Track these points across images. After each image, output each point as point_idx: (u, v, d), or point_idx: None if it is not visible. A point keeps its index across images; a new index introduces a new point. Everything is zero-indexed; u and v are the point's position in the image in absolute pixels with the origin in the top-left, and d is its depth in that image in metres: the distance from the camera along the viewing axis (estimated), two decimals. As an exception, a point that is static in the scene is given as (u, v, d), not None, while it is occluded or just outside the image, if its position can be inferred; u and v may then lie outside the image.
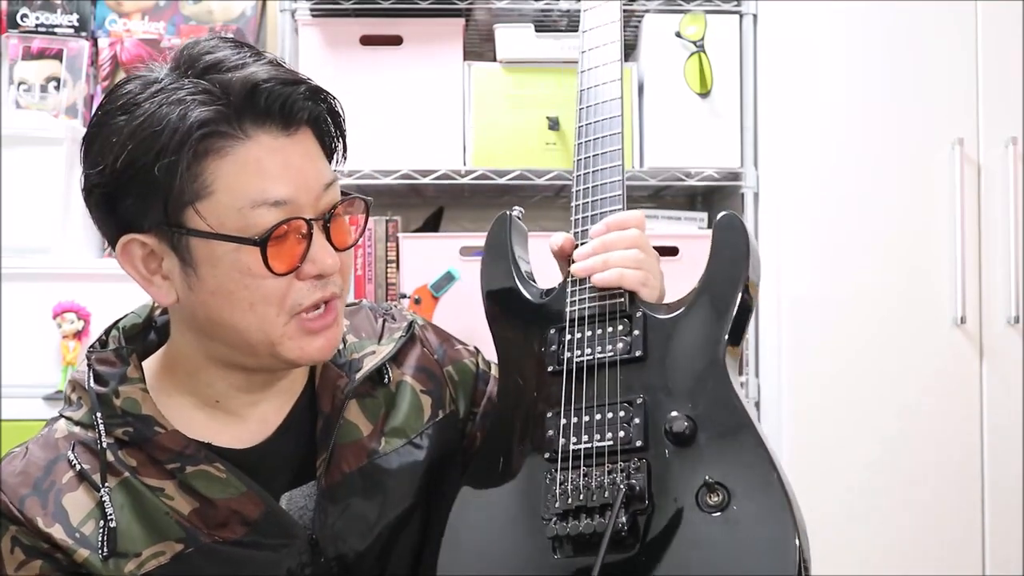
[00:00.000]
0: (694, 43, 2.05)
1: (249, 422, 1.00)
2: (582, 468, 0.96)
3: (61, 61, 2.23)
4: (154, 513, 0.93)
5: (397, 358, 1.09)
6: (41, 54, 2.24)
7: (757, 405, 2.05)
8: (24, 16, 2.27)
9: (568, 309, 1.06)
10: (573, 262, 1.07)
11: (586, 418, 0.98)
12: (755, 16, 2.07)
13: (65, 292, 2.01)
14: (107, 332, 1.03)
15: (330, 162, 0.98)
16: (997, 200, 1.98)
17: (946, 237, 1.97)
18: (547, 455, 0.99)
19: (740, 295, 1.00)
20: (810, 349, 1.97)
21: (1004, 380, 1.97)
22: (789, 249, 1.99)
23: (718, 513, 0.88)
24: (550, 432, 1.00)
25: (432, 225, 2.31)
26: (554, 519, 0.94)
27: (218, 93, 0.89)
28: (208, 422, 0.99)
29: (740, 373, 2.06)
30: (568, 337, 1.04)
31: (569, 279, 1.08)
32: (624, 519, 0.90)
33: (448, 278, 1.99)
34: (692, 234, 2.12)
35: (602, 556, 0.87)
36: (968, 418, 1.96)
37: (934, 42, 1.99)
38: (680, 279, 1.10)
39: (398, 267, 2.09)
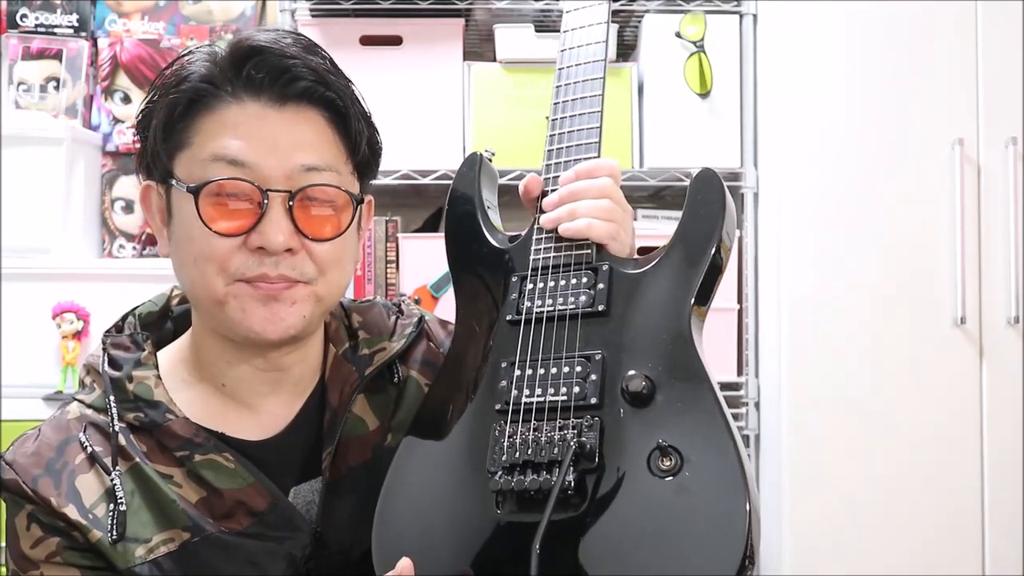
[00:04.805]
0: (694, 43, 2.05)
1: (261, 415, 1.00)
2: (532, 422, 0.91)
3: (61, 61, 2.23)
4: (163, 500, 0.93)
5: (405, 354, 1.08)
6: (41, 54, 2.24)
7: (757, 405, 2.05)
8: (24, 16, 2.27)
9: (531, 258, 1.01)
10: (541, 209, 1.03)
11: (541, 371, 0.94)
12: (755, 16, 2.07)
13: (65, 292, 2.01)
14: (123, 318, 1.04)
15: (358, 158, 0.97)
16: (997, 200, 1.98)
17: (946, 237, 1.97)
18: (498, 406, 0.94)
19: (711, 253, 0.95)
20: (810, 349, 1.97)
21: (1004, 380, 1.97)
22: (789, 249, 1.99)
23: (669, 478, 0.84)
24: (503, 383, 0.95)
25: (432, 225, 2.31)
26: (499, 472, 0.89)
27: (218, 55, 0.93)
28: (222, 412, 0.99)
29: (740, 373, 2.06)
30: (529, 286, 0.99)
31: (536, 226, 1.03)
32: (572, 478, 0.86)
33: (448, 278, 1.99)
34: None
35: (548, 515, 0.83)
36: (968, 418, 1.96)
37: (934, 42, 1.99)
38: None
39: (398, 267, 2.09)
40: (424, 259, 2.05)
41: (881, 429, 1.95)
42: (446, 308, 1.99)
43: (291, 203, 0.91)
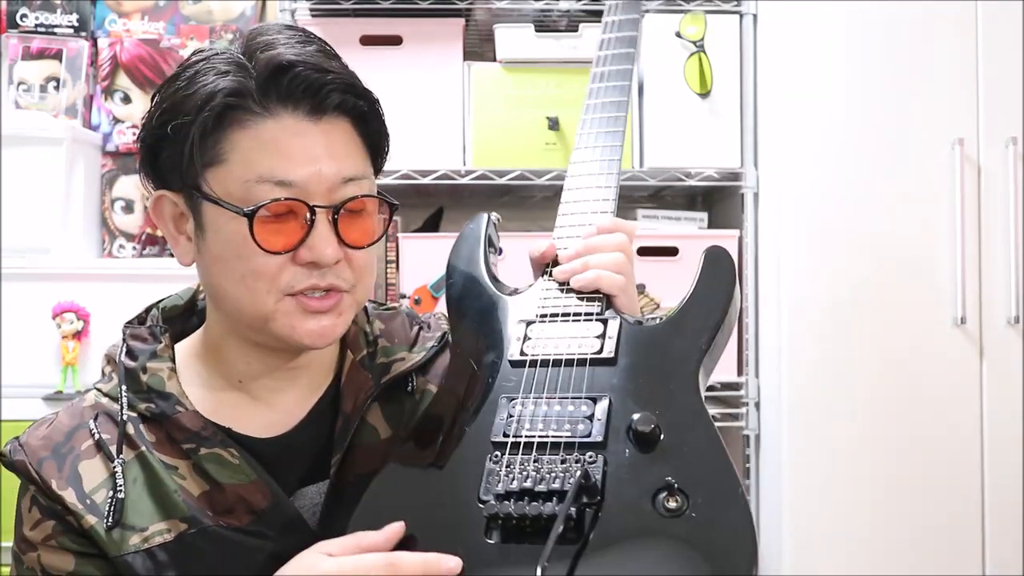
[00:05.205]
0: (694, 43, 2.05)
1: (273, 410, 1.01)
2: (533, 455, 0.89)
3: (61, 61, 2.23)
4: (165, 490, 0.94)
5: (425, 367, 1.08)
6: (41, 54, 2.24)
7: (757, 405, 2.05)
8: (24, 16, 2.27)
9: (540, 304, 1.03)
10: (554, 264, 1.06)
11: (544, 408, 0.93)
12: (755, 16, 2.07)
13: (65, 292, 2.01)
14: (147, 310, 1.06)
15: (377, 160, 0.99)
16: (997, 200, 1.98)
17: (946, 237, 1.97)
18: (495, 438, 0.92)
19: (722, 316, 0.99)
20: (810, 349, 1.97)
21: (1004, 380, 1.97)
22: (789, 249, 1.99)
23: (675, 519, 0.83)
24: (502, 417, 0.93)
25: (432, 225, 2.32)
26: (493, 499, 0.86)
27: (249, 68, 0.92)
28: (234, 405, 1.00)
29: (740, 374, 2.06)
30: (536, 331, 1.00)
31: (544, 278, 1.05)
32: (572, 510, 0.83)
33: (448, 278, 1.99)
34: (692, 234, 2.12)
35: (552, 542, 0.80)
36: (968, 418, 1.96)
37: (934, 42, 1.99)
38: (680, 279, 1.09)
39: (398, 267, 2.09)
40: (424, 259, 2.05)
41: (881, 429, 1.96)
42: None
43: (335, 216, 0.93)
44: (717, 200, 2.32)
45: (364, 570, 0.84)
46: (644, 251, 2.03)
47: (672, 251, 2.05)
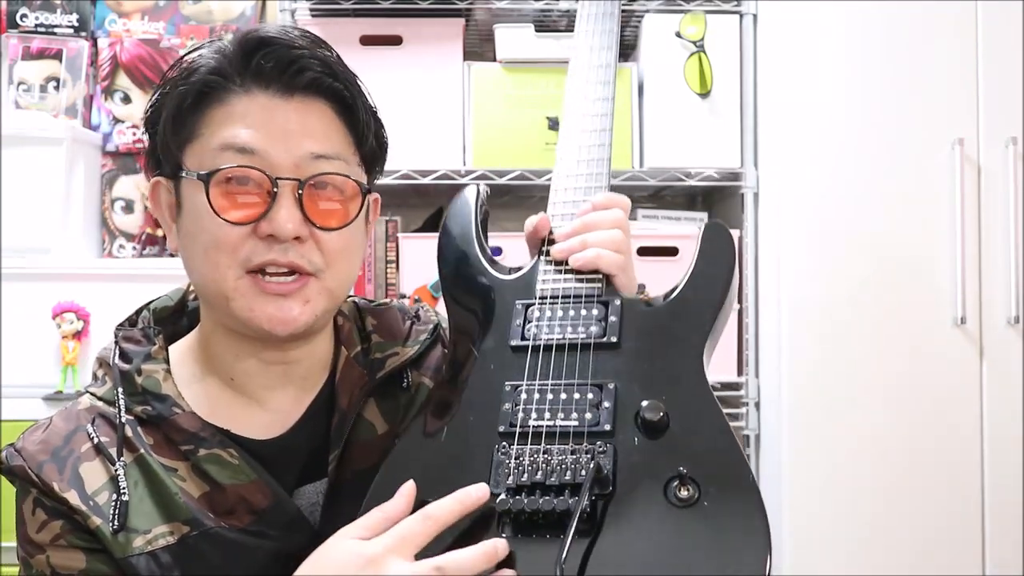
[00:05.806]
0: (694, 43, 2.05)
1: (268, 410, 1.00)
2: (542, 445, 0.88)
3: (61, 61, 2.23)
4: (166, 493, 0.93)
5: (418, 360, 1.08)
6: (41, 54, 2.24)
7: (757, 405, 2.05)
8: (24, 16, 2.27)
9: (539, 286, 1.01)
10: (550, 241, 1.04)
11: (550, 396, 0.91)
12: (755, 16, 2.07)
13: (65, 292, 2.01)
14: (137, 312, 1.05)
15: (362, 148, 0.98)
16: (997, 200, 1.98)
17: (946, 237, 1.97)
18: (502, 428, 0.91)
19: (724, 294, 0.97)
20: (810, 349, 1.97)
21: (1004, 380, 1.97)
22: (789, 249, 1.99)
23: (687, 508, 0.82)
24: (507, 406, 0.92)
25: (432, 225, 2.31)
26: (505, 492, 0.85)
27: (226, 49, 0.93)
28: (230, 407, 0.99)
29: (740, 373, 2.06)
30: (536, 314, 0.98)
31: (542, 258, 1.03)
32: (587, 502, 0.83)
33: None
34: (692, 234, 2.12)
35: (570, 537, 0.79)
36: (968, 418, 1.96)
37: (934, 42, 1.99)
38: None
39: (398, 267, 2.09)
40: (424, 259, 2.05)
41: (881, 429, 1.96)
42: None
43: (300, 191, 0.92)
44: (717, 200, 2.32)
45: (407, 538, 0.83)
46: (644, 251, 2.03)
47: (672, 251, 2.05)
